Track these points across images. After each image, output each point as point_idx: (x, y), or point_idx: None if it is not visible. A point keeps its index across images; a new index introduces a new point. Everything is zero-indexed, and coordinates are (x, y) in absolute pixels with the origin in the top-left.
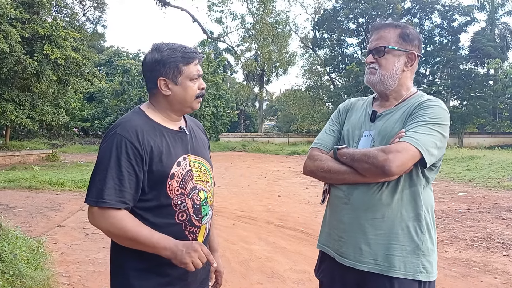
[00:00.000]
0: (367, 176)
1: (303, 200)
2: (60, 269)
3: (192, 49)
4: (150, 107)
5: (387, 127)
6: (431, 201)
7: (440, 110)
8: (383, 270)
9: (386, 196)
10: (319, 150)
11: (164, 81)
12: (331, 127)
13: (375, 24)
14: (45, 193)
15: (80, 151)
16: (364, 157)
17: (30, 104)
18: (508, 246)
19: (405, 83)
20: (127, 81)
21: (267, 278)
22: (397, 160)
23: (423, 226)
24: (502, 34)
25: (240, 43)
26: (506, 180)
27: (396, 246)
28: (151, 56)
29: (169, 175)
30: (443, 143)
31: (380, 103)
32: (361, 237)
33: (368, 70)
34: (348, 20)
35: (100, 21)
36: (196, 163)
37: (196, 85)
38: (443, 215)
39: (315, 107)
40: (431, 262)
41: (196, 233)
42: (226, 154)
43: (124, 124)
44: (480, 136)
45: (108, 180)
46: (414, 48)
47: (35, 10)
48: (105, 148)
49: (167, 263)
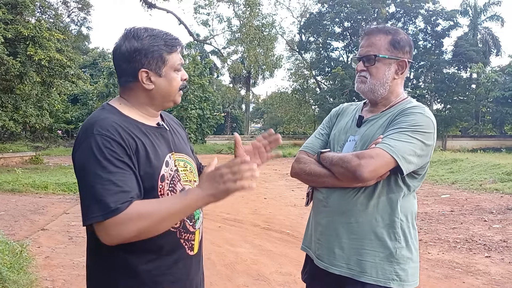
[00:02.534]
0: (342, 180)
1: (289, 202)
2: (44, 273)
3: (174, 35)
4: (123, 102)
5: (369, 133)
6: (413, 209)
7: (423, 117)
8: (355, 275)
9: (361, 201)
10: (306, 153)
11: (146, 73)
12: (321, 131)
13: (366, 30)
14: (28, 196)
15: (64, 154)
16: (340, 161)
17: (13, 106)
18: (490, 248)
19: (395, 90)
20: (113, 83)
21: (253, 281)
22: (369, 165)
23: (398, 233)
24: (485, 39)
25: (227, 45)
26: (488, 183)
27: (368, 251)
28: (129, 44)
29: (160, 177)
30: (425, 151)
31: (369, 108)
32: (336, 240)
33: (359, 79)
34: (333, 24)
35: (85, 22)
36: (181, 161)
37: (179, 75)
38: (427, 217)
39: (301, 110)
40: (406, 270)
41: (191, 241)
42: (212, 157)
43: (100, 123)
44: (463, 139)
45: (105, 186)
46: (405, 55)
47: (19, 11)
48: (86, 153)
49: (163, 280)
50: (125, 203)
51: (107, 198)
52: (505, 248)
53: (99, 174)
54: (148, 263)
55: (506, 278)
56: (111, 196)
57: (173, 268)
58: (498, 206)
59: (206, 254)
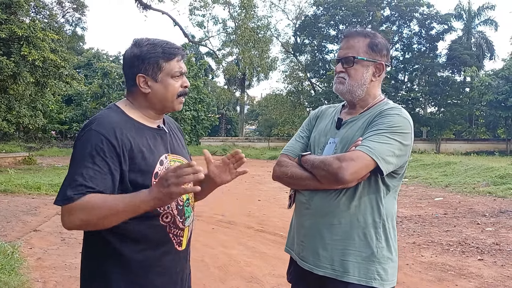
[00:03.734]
0: (324, 183)
1: (283, 204)
2: (36, 274)
3: (175, 44)
4: (128, 104)
5: (349, 135)
6: (393, 209)
7: (400, 118)
8: (338, 275)
9: (343, 202)
10: (287, 157)
11: (143, 78)
12: (300, 134)
13: (345, 32)
14: (21, 197)
15: (57, 154)
16: (321, 164)
17: (6, 106)
18: (483, 251)
19: (372, 92)
20: (107, 84)
21: (246, 283)
22: (350, 168)
23: (379, 233)
24: (478, 43)
25: (222, 47)
26: (481, 186)
27: (351, 251)
28: (131, 51)
29: (153, 174)
30: (403, 151)
31: (348, 110)
32: (319, 241)
33: (337, 79)
34: (328, 27)
35: (80, 23)
36: (176, 162)
37: (179, 83)
38: (420, 219)
39: (295, 112)
40: (386, 269)
41: (180, 236)
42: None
43: (101, 120)
44: (456, 142)
45: (76, 177)
46: (382, 58)
47: (13, 11)
48: (79, 145)
49: (150, 271)
50: (79, 195)
51: (68, 188)
52: (498, 251)
53: (77, 165)
54: (137, 253)
55: (499, 281)
56: (73, 187)
57: (161, 261)
58: (491, 209)
59: (199, 256)
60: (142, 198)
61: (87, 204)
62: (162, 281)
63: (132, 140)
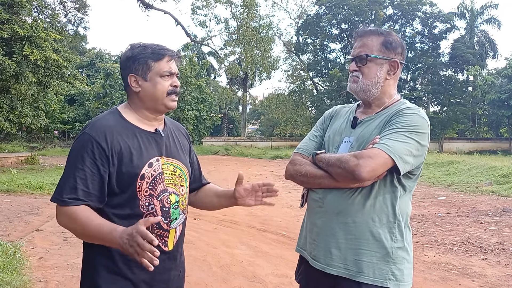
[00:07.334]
0: (340, 181)
1: (286, 204)
2: (38, 274)
3: (165, 46)
4: (127, 107)
5: (365, 134)
6: (407, 209)
7: (418, 118)
8: (352, 275)
9: (358, 201)
10: (300, 155)
11: (134, 78)
12: (314, 133)
13: (359, 31)
14: (24, 197)
15: (60, 154)
16: (337, 162)
17: (9, 106)
18: (486, 250)
19: (387, 91)
20: (110, 84)
21: (249, 283)
22: (367, 165)
23: (395, 234)
24: (481, 42)
25: (224, 46)
26: (484, 185)
27: (365, 251)
28: (125, 54)
29: (139, 176)
30: (420, 151)
31: (363, 110)
32: (332, 240)
33: (351, 78)
34: (331, 26)
35: (82, 22)
36: (170, 165)
37: (168, 82)
38: (423, 219)
39: (298, 112)
40: (401, 270)
41: (165, 237)
42: (209, 158)
43: (94, 124)
44: (459, 142)
45: (70, 179)
46: (397, 56)
47: (15, 11)
48: (73, 148)
49: (134, 265)
50: (75, 201)
51: (64, 189)
52: (501, 250)
53: (73, 168)
54: None
55: (502, 280)
56: (67, 190)
57: None
58: (494, 208)
59: (202, 256)
60: (113, 237)
61: (76, 216)
62: (149, 277)
63: (123, 143)
